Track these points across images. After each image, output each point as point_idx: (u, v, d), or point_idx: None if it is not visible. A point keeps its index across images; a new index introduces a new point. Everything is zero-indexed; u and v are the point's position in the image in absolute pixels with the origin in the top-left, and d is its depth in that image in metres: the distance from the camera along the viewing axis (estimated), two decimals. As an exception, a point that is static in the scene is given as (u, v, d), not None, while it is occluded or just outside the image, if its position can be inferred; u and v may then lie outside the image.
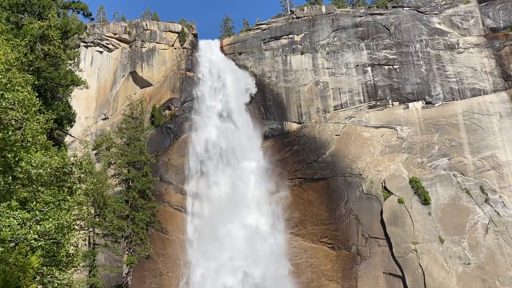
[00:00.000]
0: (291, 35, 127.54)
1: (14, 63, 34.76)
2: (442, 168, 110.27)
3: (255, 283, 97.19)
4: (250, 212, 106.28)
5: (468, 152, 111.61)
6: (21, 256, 25.65)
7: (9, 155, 29.51)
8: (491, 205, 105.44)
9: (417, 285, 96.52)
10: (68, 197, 34.22)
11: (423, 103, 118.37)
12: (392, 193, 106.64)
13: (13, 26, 52.77)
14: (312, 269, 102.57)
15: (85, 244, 76.07)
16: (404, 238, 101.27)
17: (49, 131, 47.14)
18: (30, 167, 31.20)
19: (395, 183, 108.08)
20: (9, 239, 27.50)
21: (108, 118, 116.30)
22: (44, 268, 31.67)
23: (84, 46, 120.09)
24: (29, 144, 32.03)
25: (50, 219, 30.91)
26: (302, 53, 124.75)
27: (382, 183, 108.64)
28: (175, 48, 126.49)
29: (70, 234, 33.59)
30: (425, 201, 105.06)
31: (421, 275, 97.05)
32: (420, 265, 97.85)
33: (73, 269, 37.63)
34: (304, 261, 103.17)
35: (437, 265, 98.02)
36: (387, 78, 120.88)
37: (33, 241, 28.74)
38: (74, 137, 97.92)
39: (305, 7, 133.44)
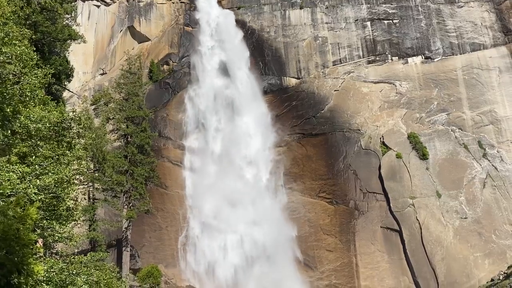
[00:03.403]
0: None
1: (11, 16, 34.50)
2: (440, 123, 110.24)
3: (253, 238, 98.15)
4: (249, 166, 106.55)
5: (467, 107, 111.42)
6: (19, 208, 25.84)
7: (8, 109, 29.55)
8: (488, 160, 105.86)
9: (414, 239, 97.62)
10: (67, 152, 34.43)
11: (422, 58, 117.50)
12: (391, 148, 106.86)
13: (8, -21, 52.06)
14: (310, 223, 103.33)
15: (84, 198, 76.81)
16: (402, 193, 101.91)
17: (47, 85, 47.14)
18: (29, 122, 31.30)
19: (394, 138, 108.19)
20: (8, 193, 27.71)
21: (106, 73, 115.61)
22: (44, 221, 32.02)
23: (81, 0, 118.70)
24: (27, 99, 32.05)
25: (50, 174, 31.14)
26: (301, 8, 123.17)
27: (380, 138, 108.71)
28: (173, 3, 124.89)
29: (69, 189, 33.87)
30: (423, 156, 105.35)
31: (418, 229, 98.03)
32: (417, 219, 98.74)
33: (73, 223, 38.03)
34: (302, 215, 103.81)
35: (434, 219, 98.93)
36: (387, 33, 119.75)
37: (33, 195, 28.96)
38: (72, 92, 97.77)
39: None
